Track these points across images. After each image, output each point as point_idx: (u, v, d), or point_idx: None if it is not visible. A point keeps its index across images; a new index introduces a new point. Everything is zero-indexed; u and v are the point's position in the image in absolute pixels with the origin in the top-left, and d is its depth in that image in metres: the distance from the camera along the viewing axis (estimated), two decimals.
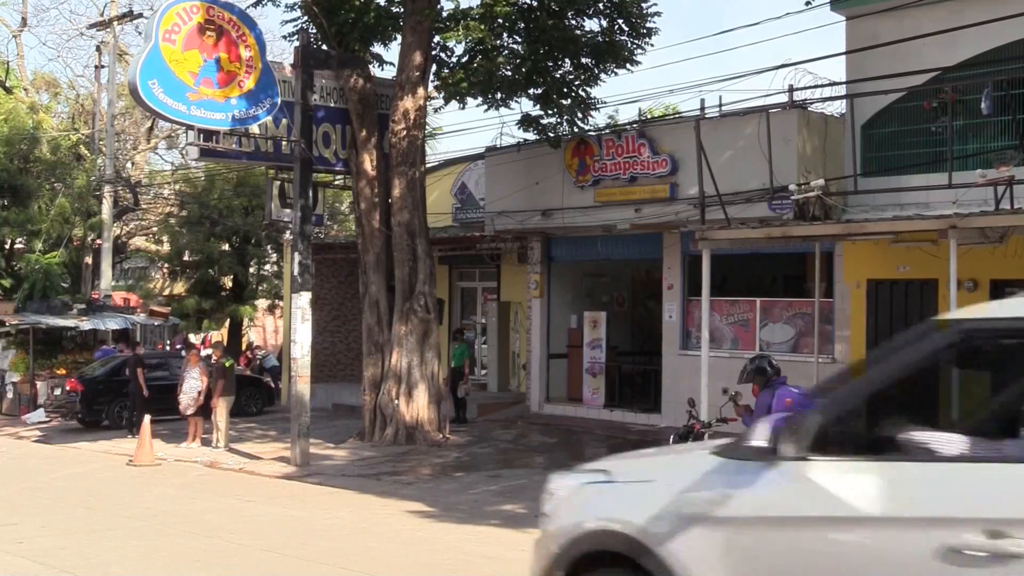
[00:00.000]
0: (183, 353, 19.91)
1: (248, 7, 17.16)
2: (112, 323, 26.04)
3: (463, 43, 17.03)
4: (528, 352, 20.73)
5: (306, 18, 17.36)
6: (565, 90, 17.69)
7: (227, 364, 17.62)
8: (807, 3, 15.80)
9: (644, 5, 17.15)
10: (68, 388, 21.42)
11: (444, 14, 16.94)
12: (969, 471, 3.75)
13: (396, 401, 16.83)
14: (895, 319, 15.75)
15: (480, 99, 17.48)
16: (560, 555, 4.68)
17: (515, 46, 17.35)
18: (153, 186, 35.17)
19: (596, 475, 4.85)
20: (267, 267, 32.20)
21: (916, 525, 3.66)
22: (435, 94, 18.63)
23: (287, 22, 17.91)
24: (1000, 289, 14.71)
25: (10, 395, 24.02)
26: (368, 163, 17.45)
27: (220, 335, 31.06)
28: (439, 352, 17.60)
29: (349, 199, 24.17)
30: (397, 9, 17.45)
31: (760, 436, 4.16)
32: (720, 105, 17.45)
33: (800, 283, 17.45)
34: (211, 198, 29.21)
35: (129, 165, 34.61)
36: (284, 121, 16.44)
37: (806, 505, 3.94)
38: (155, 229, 35.49)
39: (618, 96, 48.58)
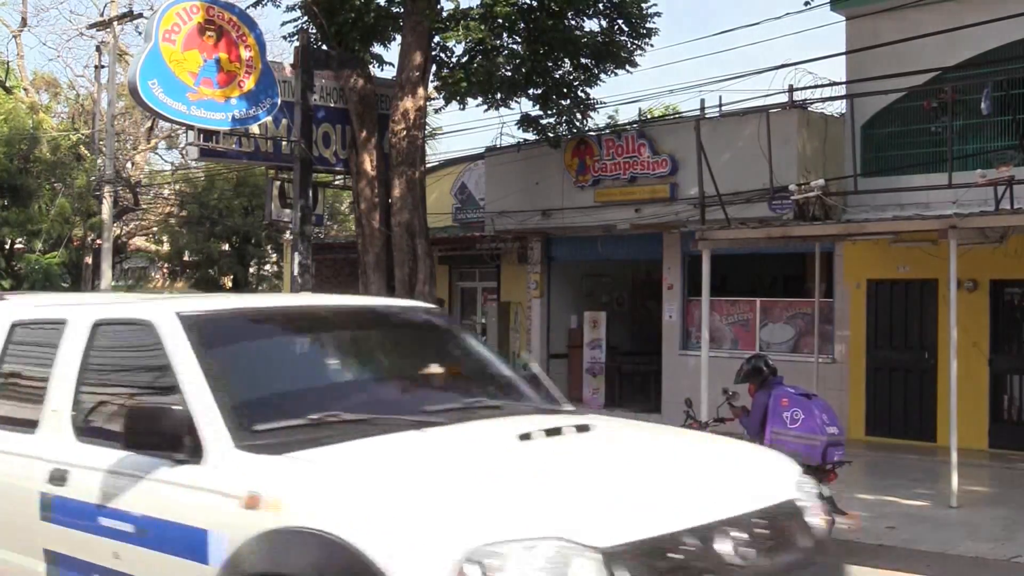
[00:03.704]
0: None
1: (248, 7, 17.17)
2: None
3: (463, 43, 17.02)
4: (528, 352, 20.71)
5: (306, 18, 17.35)
6: (565, 90, 17.68)
7: None
8: (807, 3, 15.83)
9: (644, 5, 17.14)
10: None
11: (444, 14, 16.93)
12: None
13: None
14: (895, 319, 15.76)
15: (480, 99, 17.47)
16: None
17: (515, 46, 17.34)
18: (153, 186, 35.22)
19: None
20: (267, 267, 32.23)
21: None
22: (435, 94, 18.62)
23: (287, 22, 17.97)
24: (1000, 289, 14.74)
25: None
26: (368, 163, 17.44)
27: None
28: None
29: (349, 199, 24.16)
30: (397, 9, 17.44)
31: None
32: (720, 105, 17.47)
33: (800, 283, 17.46)
34: (211, 198, 29.23)
35: (129, 165, 34.62)
36: (284, 121, 16.44)
37: None
38: (155, 229, 35.55)
39: (618, 96, 48.62)
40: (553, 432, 4.41)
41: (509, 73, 17.14)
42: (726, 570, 3.66)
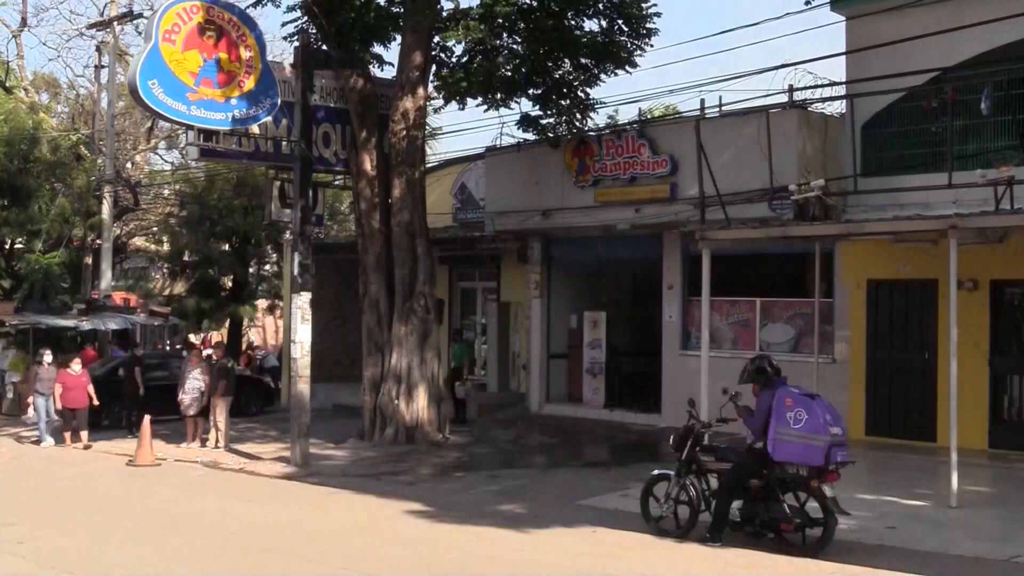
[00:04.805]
0: (184, 353, 19.89)
1: (248, 7, 17.16)
2: (112, 323, 26.04)
3: (463, 43, 17.04)
4: (528, 352, 20.72)
5: (306, 18, 17.37)
6: (565, 90, 17.70)
7: (229, 364, 17.67)
8: (807, 3, 15.81)
9: (644, 5, 17.15)
10: None
11: (444, 14, 16.95)
12: None
13: (396, 401, 16.84)
14: (895, 319, 15.76)
15: (480, 99, 17.49)
16: None
17: (515, 46, 17.36)
18: (153, 186, 35.18)
19: None
20: (267, 267, 32.17)
21: None
22: (435, 94, 18.64)
23: (287, 22, 18.02)
24: (1000, 289, 14.73)
25: (10, 395, 23.97)
26: (368, 163, 17.45)
27: (220, 335, 31.04)
28: (439, 352, 17.60)
29: (349, 199, 24.17)
30: (397, 9, 17.46)
31: None
32: (720, 105, 17.46)
33: (800, 283, 17.45)
34: (211, 198, 29.17)
35: (129, 165, 34.60)
36: (284, 121, 16.43)
37: None
38: (155, 229, 35.51)
39: (618, 96, 48.57)
40: None
41: (509, 73, 17.16)
42: None
